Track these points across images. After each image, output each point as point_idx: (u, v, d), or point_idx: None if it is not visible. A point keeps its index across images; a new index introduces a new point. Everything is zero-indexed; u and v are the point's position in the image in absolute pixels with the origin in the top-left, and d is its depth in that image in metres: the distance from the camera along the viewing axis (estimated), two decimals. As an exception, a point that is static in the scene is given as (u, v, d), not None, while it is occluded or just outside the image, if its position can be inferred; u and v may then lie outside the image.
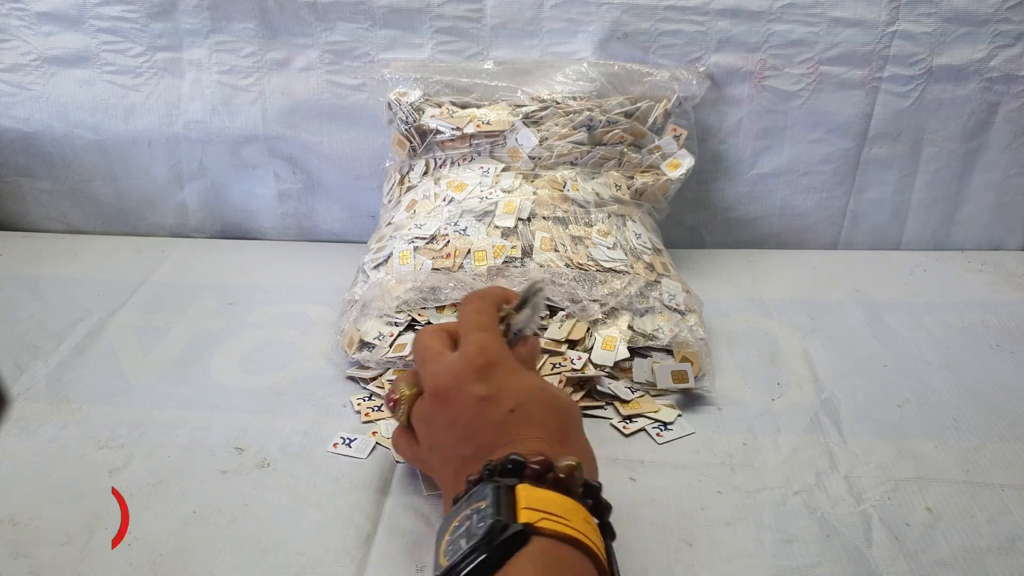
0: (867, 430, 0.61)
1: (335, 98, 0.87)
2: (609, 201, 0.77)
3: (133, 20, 0.86)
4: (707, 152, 0.87)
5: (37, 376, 0.67)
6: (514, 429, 0.44)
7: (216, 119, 0.89)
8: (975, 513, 0.53)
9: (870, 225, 0.92)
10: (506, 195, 0.75)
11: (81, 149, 0.91)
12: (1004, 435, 0.61)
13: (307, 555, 0.49)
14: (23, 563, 0.48)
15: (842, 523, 0.52)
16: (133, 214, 0.95)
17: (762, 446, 0.59)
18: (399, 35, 0.85)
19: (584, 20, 0.84)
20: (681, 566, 0.49)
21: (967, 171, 0.89)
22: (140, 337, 0.73)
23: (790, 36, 0.83)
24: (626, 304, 0.70)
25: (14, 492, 0.54)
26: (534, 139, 0.77)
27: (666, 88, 0.82)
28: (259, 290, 0.81)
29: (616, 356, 0.66)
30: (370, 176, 0.90)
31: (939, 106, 0.86)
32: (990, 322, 0.76)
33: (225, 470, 0.56)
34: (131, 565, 0.49)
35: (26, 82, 0.88)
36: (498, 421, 0.44)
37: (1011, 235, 0.92)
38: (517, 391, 0.46)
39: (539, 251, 0.71)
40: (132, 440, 0.59)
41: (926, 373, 0.68)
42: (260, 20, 0.85)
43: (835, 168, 0.89)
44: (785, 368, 0.69)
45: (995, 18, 0.82)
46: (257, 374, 0.68)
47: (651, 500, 0.54)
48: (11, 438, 0.59)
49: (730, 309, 0.78)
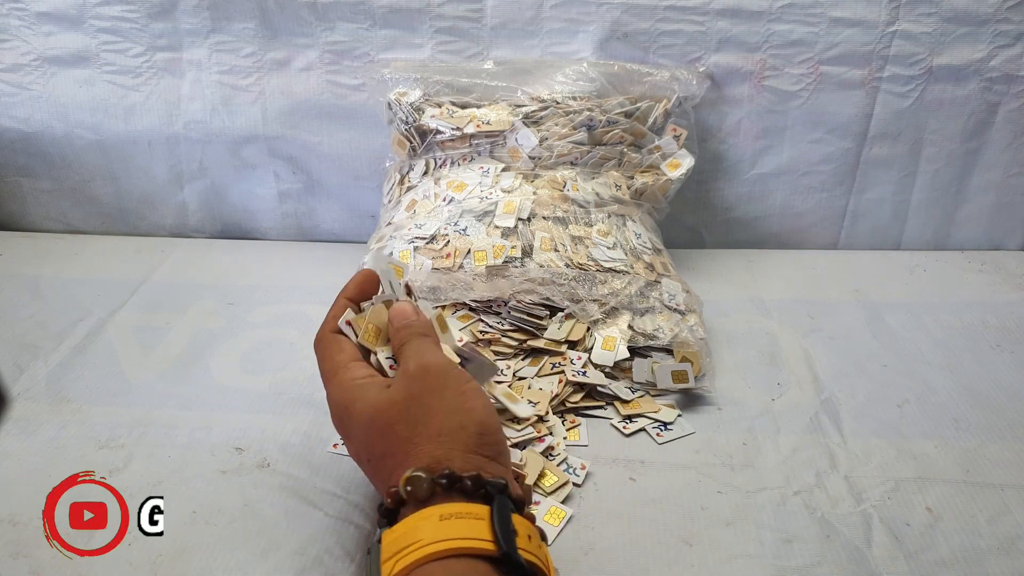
0: (867, 430, 0.61)
1: (335, 98, 0.87)
2: (609, 201, 0.77)
3: (133, 20, 0.86)
4: (707, 152, 0.88)
5: (37, 376, 0.67)
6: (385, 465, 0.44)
7: (216, 119, 0.89)
8: (975, 513, 0.53)
9: (870, 225, 0.92)
10: (506, 195, 0.75)
11: (81, 149, 0.91)
12: (1004, 435, 0.61)
13: (307, 555, 0.49)
14: (23, 563, 0.48)
15: (842, 523, 0.52)
16: (133, 214, 0.95)
17: (762, 446, 0.59)
18: (399, 35, 0.85)
19: (584, 20, 0.84)
20: (681, 566, 0.49)
21: (967, 171, 0.89)
22: (140, 337, 0.73)
23: (790, 36, 0.83)
24: (626, 304, 0.70)
25: (14, 492, 0.54)
26: (534, 139, 0.77)
27: (666, 88, 0.82)
28: (259, 290, 0.81)
29: (616, 356, 0.66)
30: (370, 176, 0.90)
31: (939, 106, 0.86)
32: (990, 322, 0.76)
33: (225, 470, 0.56)
34: (131, 565, 0.49)
35: (26, 82, 0.88)
36: (368, 460, 0.46)
37: (1011, 235, 0.92)
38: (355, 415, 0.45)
39: (539, 251, 0.71)
40: (132, 440, 0.59)
41: (926, 373, 0.68)
42: (260, 20, 0.85)
43: (835, 168, 0.89)
44: (785, 368, 0.69)
45: (995, 18, 0.82)
46: (257, 374, 0.68)
47: (651, 500, 0.54)
48: (11, 438, 0.59)
49: (730, 309, 0.78)
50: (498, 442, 0.44)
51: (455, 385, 0.44)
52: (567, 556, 0.50)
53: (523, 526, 0.39)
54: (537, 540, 0.40)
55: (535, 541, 0.40)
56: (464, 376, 0.45)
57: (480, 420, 0.43)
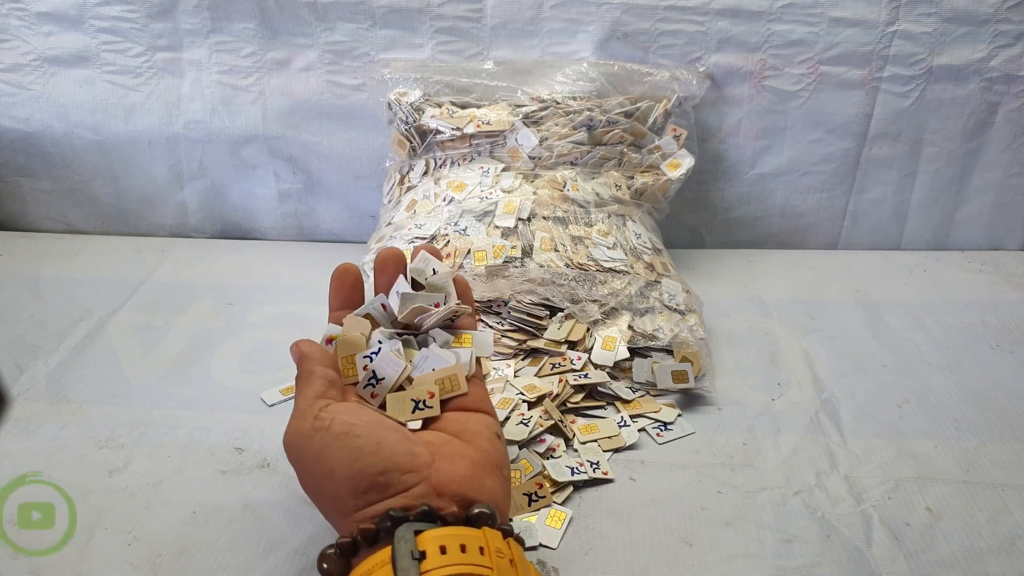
0: (867, 430, 0.61)
1: (335, 98, 0.87)
2: (609, 201, 0.77)
3: (133, 20, 0.86)
4: (707, 152, 0.88)
5: (37, 376, 0.67)
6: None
7: (216, 119, 0.89)
8: (975, 513, 0.53)
9: (870, 225, 0.92)
10: (506, 195, 0.75)
11: (81, 149, 0.91)
12: (1004, 435, 0.61)
13: (307, 555, 0.49)
14: (23, 563, 0.48)
15: (842, 523, 0.52)
16: (133, 214, 0.95)
17: (762, 446, 0.59)
18: (399, 35, 0.85)
19: (584, 20, 0.84)
20: (681, 566, 0.49)
21: (967, 171, 0.89)
22: (140, 337, 0.73)
23: (790, 36, 0.83)
24: (626, 304, 0.70)
25: (14, 492, 0.54)
26: (534, 139, 0.77)
27: (666, 88, 0.82)
28: (259, 290, 0.81)
29: (616, 356, 0.66)
30: (370, 176, 0.90)
31: (939, 106, 0.86)
32: (990, 322, 0.76)
33: (225, 470, 0.56)
34: (131, 565, 0.49)
35: (26, 82, 0.88)
36: None
37: (1011, 235, 0.92)
38: None
39: (539, 251, 0.71)
40: (132, 440, 0.59)
41: (926, 373, 0.68)
42: (260, 20, 0.85)
43: (835, 168, 0.89)
44: (785, 368, 0.69)
45: (995, 18, 0.82)
46: (257, 374, 0.68)
47: (651, 500, 0.54)
48: (11, 438, 0.59)
49: (730, 309, 0.78)
50: (379, 473, 0.40)
51: (312, 456, 0.42)
52: (567, 556, 0.50)
53: (436, 540, 0.37)
54: (464, 544, 0.37)
55: (452, 548, 0.37)
56: (315, 435, 0.42)
57: (347, 477, 0.40)
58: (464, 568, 0.36)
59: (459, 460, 0.43)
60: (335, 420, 0.42)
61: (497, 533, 0.39)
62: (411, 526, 0.38)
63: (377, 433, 0.42)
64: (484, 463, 0.43)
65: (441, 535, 0.37)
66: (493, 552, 0.37)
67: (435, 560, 0.36)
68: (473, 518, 0.40)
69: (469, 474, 0.42)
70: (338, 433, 0.41)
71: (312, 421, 0.42)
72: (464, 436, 0.45)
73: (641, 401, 0.64)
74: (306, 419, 0.42)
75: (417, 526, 0.38)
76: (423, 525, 0.38)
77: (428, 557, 0.36)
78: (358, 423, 0.42)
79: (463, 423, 0.46)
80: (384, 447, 0.41)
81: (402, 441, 0.42)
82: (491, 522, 0.40)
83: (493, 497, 0.42)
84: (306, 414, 0.43)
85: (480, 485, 0.42)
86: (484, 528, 0.39)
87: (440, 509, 0.40)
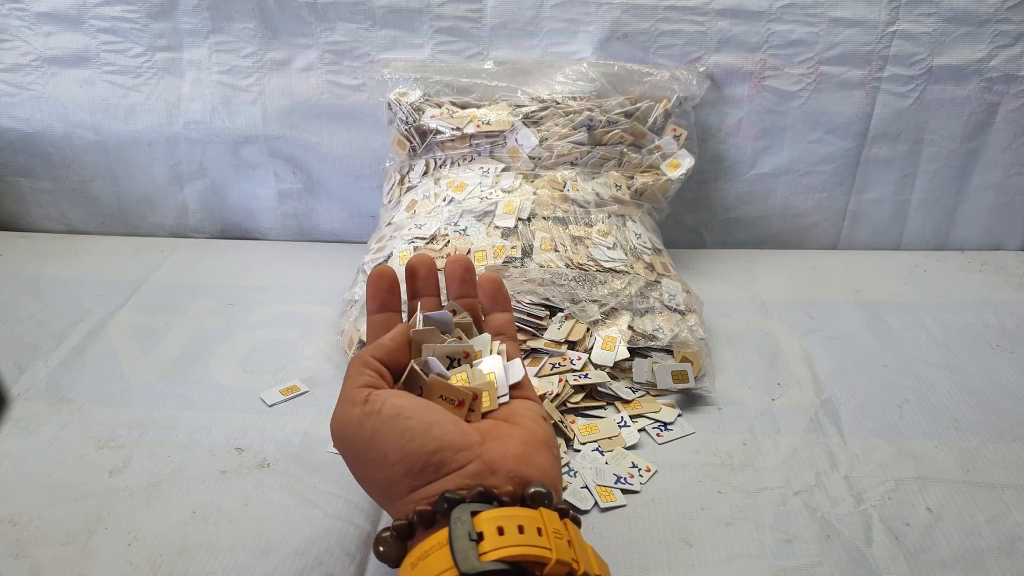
0: (867, 430, 0.61)
1: (335, 98, 0.87)
2: (609, 201, 0.77)
3: (133, 20, 0.86)
4: (707, 152, 0.88)
5: (37, 376, 0.67)
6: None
7: (216, 119, 0.89)
8: (975, 513, 0.53)
9: (870, 225, 0.92)
10: (506, 195, 0.75)
11: (81, 149, 0.91)
12: (1004, 435, 0.61)
13: (307, 555, 0.49)
14: (23, 563, 0.48)
15: (842, 523, 0.52)
16: (133, 214, 0.95)
17: (762, 446, 0.59)
18: (399, 35, 0.85)
19: (584, 20, 0.84)
20: (681, 566, 0.49)
21: (967, 171, 0.90)
22: (140, 337, 0.73)
23: (790, 36, 0.83)
24: (626, 304, 0.70)
25: (14, 492, 0.54)
26: (534, 139, 0.77)
27: (666, 88, 0.82)
28: (259, 290, 0.81)
29: (616, 356, 0.66)
30: (370, 176, 0.90)
31: (939, 106, 0.86)
32: (990, 322, 0.76)
33: (225, 470, 0.56)
34: (131, 565, 0.49)
35: (26, 82, 0.88)
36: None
37: (1011, 235, 0.92)
38: None
39: (539, 251, 0.71)
40: (132, 440, 0.59)
41: (926, 373, 0.68)
42: (260, 20, 0.85)
43: (835, 168, 0.89)
44: (785, 368, 0.69)
45: (995, 18, 0.82)
46: (257, 374, 0.68)
47: (651, 500, 0.54)
48: (11, 438, 0.59)
49: (730, 309, 0.78)
50: (433, 452, 0.41)
51: (364, 441, 0.42)
52: (567, 556, 0.50)
53: (493, 520, 0.37)
54: (522, 525, 0.37)
55: (510, 529, 0.36)
56: (366, 420, 0.42)
57: (400, 458, 0.41)
58: (522, 550, 0.36)
59: (509, 439, 0.43)
60: (385, 403, 0.42)
61: (554, 514, 0.39)
62: (468, 507, 0.38)
63: (428, 415, 0.42)
64: (533, 441, 0.44)
65: (498, 516, 0.37)
66: (551, 532, 0.37)
67: (493, 541, 0.36)
68: (529, 498, 0.40)
69: (521, 451, 0.42)
70: (389, 416, 0.42)
71: (362, 407, 0.43)
72: (512, 420, 0.45)
73: (641, 401, 0.64)
74: (356, 405, 0.43)
75: (474, 507, 0.38)
76: (480, 506, 0.38)
77: (486, 538, 0.36)
78: (408, 405, 0.43)
79: (509, 408, 0.47)
80: (435, 427, 0.42)
81: (453, 421, 0.43)
82: (547, 502, 0.40)
83: (546, 473, 0.42)
84: (355, 399, 0.43)
85: (532, 461, 0.42)
86: (541, 508, 0.39)
87: (495, 488, 0.40)
